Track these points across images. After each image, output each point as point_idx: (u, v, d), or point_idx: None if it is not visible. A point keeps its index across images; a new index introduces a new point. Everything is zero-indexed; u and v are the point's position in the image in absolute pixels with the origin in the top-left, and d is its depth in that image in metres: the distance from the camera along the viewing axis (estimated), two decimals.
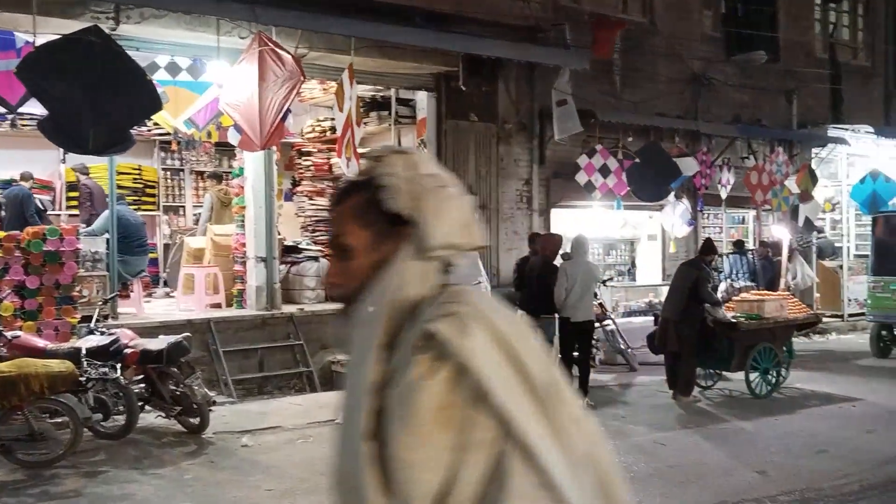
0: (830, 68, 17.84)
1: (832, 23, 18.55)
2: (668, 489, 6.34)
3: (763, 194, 14.26)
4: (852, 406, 9.43)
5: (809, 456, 7.29)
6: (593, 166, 12.68)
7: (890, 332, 13.19)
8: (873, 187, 15.41)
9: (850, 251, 17.27)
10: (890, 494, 6.23)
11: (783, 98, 16.88)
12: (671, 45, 14.92)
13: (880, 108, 19.16)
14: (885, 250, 13.14)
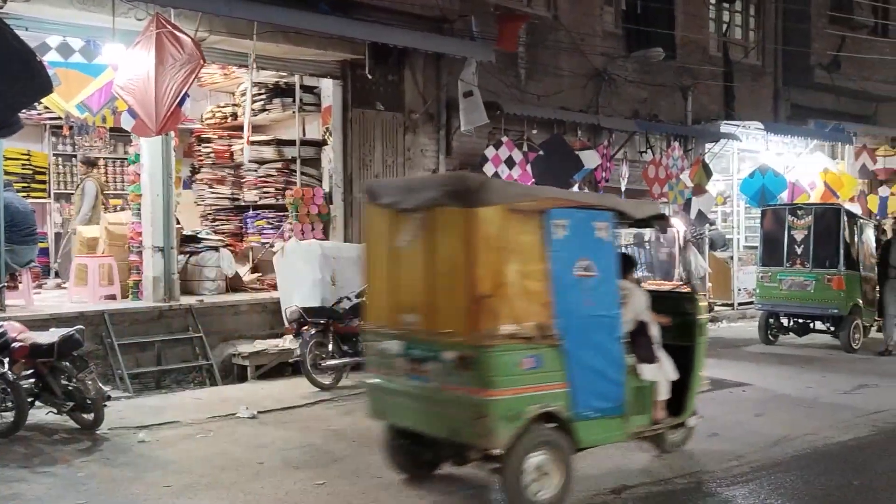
0: (723, 66, 18.57)
1: (725, 22, 19.29)
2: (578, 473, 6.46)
3: (660, 187, 14.73)
4: (742, 391, 9.86)
5: (702, 439, 7.57)
6: (500, 158, 12.81)
7: (777, 320, 13.85)
8: (762, 182, 16.13)
9: (739, 243, 18.05)
10: (778, 475, 6.54)
11: (679, 94, 17.47)
12: (574, 40, 15.21)
13: (769, 106, 20.07)
14: (772, 242, 13.76)
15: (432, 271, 5.62)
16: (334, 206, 12.09)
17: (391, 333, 5.91)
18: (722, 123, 17.33)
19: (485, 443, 5.35)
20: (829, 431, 7.82)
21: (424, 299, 5.67)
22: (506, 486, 5.43)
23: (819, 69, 20.34)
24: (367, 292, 6.49)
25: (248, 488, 6.12)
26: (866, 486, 6.24)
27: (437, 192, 5.64)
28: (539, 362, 5.46)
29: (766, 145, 17.81)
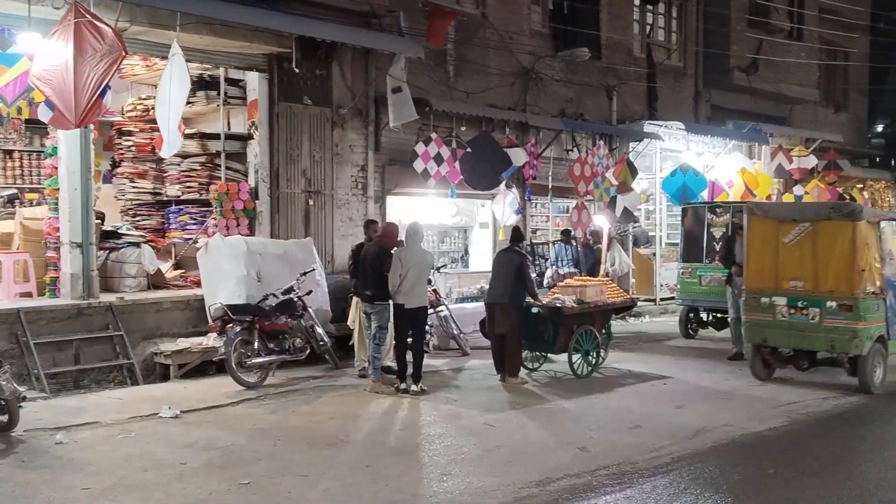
0: (647, 67, 18.99)
1: (649, 24, 19.72)
2: (496, 469, 6.55)
3: (585, 185, 14.96)
4: (663, 384, 10.13)
5: (625, 431, 7.76)
6: (429, 154, 12.81)
7: (696, 315, 14.27)
8: (683, 180, 16.55)
9: (662, 240, 18.50)
10: (698, 465, 6.74)
11: (604, 94, 17.79)
12: (502, 39, 15.34)
13: (691, 106, 20.62)
14: (692, 239, 14.18)
15: (816, 256, 9.78)
16: (260, 201, 11.91)
17: (777, 292, 10.01)
18: (645, 123, 17.72)
19: (857, 351, 9.51)
20: (745, 422, 8.10)
21: (810, 272, 9.80)
22: (864, 373, 9.65)
23: (738, 71, 21.00)
24: (751, 269, 10.43)
25: (171, 489, 6.00)
26: (780, 474, 6.48)
27: (827, 211, 10.11)
28: (878, 308, 9.82)
29: (688, 145, 18.29)
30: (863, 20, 26.30)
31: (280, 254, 11.09)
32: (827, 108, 26.39)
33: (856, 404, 9.06)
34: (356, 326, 10.45)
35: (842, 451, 7.25)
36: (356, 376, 10.18)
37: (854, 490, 6.04)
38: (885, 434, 7.80)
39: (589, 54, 16.54)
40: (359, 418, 8.27)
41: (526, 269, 10.05)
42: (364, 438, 7.56)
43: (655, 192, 18.21)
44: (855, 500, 5.81)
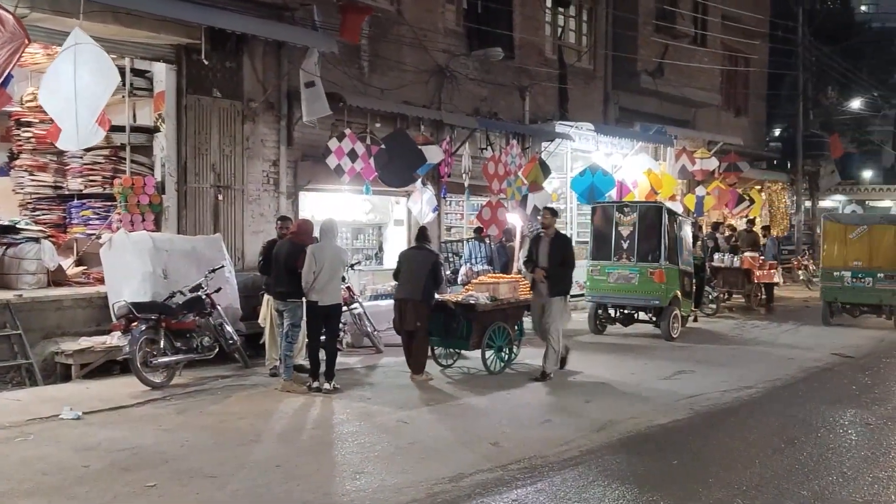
0: (558, 68, 19.33)
1: (560, 26, 20.08)
2: (409, 465, 6.56)
3: (499, 184, 15.13)
4: (573, 378, 10.34)
5: (537, 426, 7.90)
6: (343, 150, 12.71)
7: (605, 311, 14.62)
8: (592, 180, 16.94)
9: (572, 238, 18.85)
10: (606, 457, 6.91)
11: (517, 94, 18.02)
12: (416, 36, 15.35)
13: (600, 108, 21.10)
14: (601, 237, 14.51)
15: (872, 247, 15.62)
16: (167, 196, 11.58)
17: (844, 268, 15.72)
18: (557, 123, 18.04)
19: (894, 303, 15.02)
20: (651, 415, 8.35)
21: (866, 256, 15.64)
22: None
23: (645, 75, 21.61)
24: (827, 255, 16.32)
25: (73, 493, 5.78)
26: (683, 465, 6.71)
27: (878, 219, 16.81)
28: None
29: (597, 145, 18.71)
30: (763, 28, 27.43)
31: (188, 250, 10.81)
32: (728, 112, 27.44)
33: (753, 396, 9.45)
34: (267, 324, 10.29)
35: (740, 441, 7.55)
36: (267, 375, 10.02)
37: (752, 479, 6.30)
38: (781, 426, 8.16)
39: (502, 54, 16.73)
40: (270, 418, 8.15)
41: (440, 268, 10.20)
42: (275, 438, 7.45)
43: (566, 192, 18.56)
44: (753, 489, 6.07)
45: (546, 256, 10.29)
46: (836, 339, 13.88)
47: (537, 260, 10.38)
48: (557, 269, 10.23)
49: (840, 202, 41.23)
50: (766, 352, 12.76)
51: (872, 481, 6.27)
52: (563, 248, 10.45)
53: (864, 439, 7.62)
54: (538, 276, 10.26)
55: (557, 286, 10.23)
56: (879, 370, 11.25)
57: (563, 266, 10.28)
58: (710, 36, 24.50)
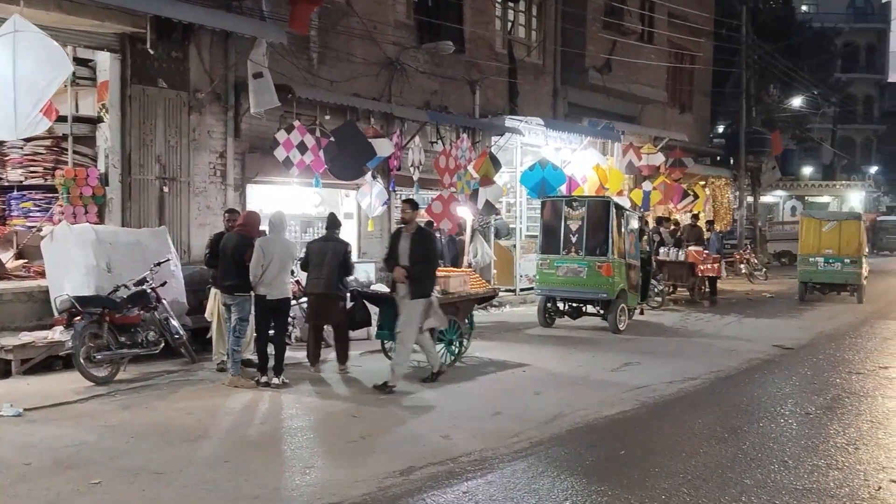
0: (508, 63, 19.43)
1: (510, 21, 20.18)
2: (359, 460, 6.54)
3: (450, 177, 15.15)
4: (523, 371, 10.42)
5: (487, 418, 7.94)
6: (291, 142, 12.58)
7: (554, 304, 14.77)
8: (542, 174, 17.07)
9: (522, 232, 19.02)
10: (555, 448, 6.98)
11: (468, 88, 18.06)
12: (367, 28, 15.26)
13: (549, 103, 21.28)
14: (550, 231, 14.63)
15: (839, 238, 19.25)
16: (111, 187, 11.34)
17: (818, 255, 19.34)
18: (507, 118, 18.13)
19: (857, 282, 19.24)
20: (598, 407, 8.46)
21: (836, 246, 19.22)
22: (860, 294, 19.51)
23: (593, 71, 21.85)
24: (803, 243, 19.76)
25: (14, 491, 5.63)
26: (630, 455, 6.82)
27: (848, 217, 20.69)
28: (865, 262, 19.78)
29: (546, 140, 18.86)
30: (707, 26, 27.95)
31: (132, 243, 10.59)
32: (674, 109, 27.92)
33: (698, 387, 9.64)
34: (215, 319, 10.15)
35: (686, 431, 7.70)
36: (215, 370, 9.89)
37: (697, 468, 6.43)
38: (724, 416, 8.35)
39: (453, 48, 16.74)
40: (217, 413, 8.04)
41: (350, 257, 10.20)
42: (223, 433, 7.36)
43: (516, 186, 18.68)
44: (698, 477, 6.20)
45: (407, 254, 9.22)
46: (776, 332, 14.24)
47: (397, 258, 9.27)
48: (419, 268, 9.15)
49: (781, 198, 42.36)
50: (709, 344, 13.03)
51: (812, 469, 6.46)
52: (425, 244, 9.32)
53: (803, 428, 7.84)
54: (398, 276, 9.21)
55: (418, 287, 9.13)
56: (818, 361, 11.58)
57: (424, 264, 9.21)
58: (656, 33, 24.86)
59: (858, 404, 8.87)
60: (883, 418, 8.21)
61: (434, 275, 9.53)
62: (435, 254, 9.60)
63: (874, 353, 12.28)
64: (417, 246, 9.21)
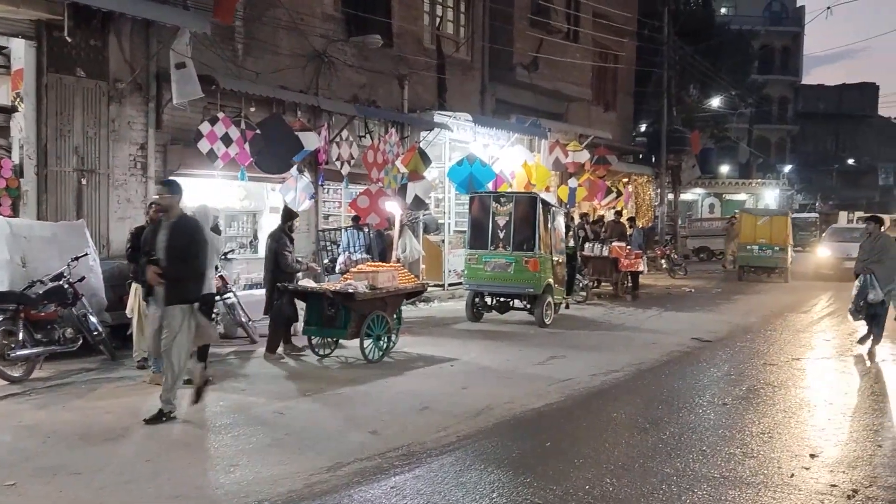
0: (437, 58, 19.45)
1: (439, 16, 20.20)
2: (286, 457, 6.47)
3: (378, 172, 15.10)
4: (451, 366, 10.48)
5: (414, 413, 7.96)
6: (216, 134, 12.34)
7: (482, 299, 14.89)
8: (470, 170, 17.17)
9: (450, 227, 19.10)
10: (482, 442, 7.05)
11: (396, 82, 18.01)
12: (293, 20, 15.07)
13: (478, 100, 21.39)
14: (478, 227, 14.74)
15: (771, 230, 24.08)
16: (25, 179, 10.92)
17: (754, 244, 24.22)
18: (435, 113, 18.17)
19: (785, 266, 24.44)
20: (525, 400, 8.57)
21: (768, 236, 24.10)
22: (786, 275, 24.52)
23: (520, 68, 22.07)
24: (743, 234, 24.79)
25: None
26: (555, 446, 6.94)
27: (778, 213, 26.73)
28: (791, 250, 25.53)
29: (475, 136, 18.97)
30: (630, 26, 28.53)
31: (48, 237, 10.23)
32: (598, 107, 28.43)
33: (620, 379, 9.86)
34: (135, 315, 9.87)
35: (609, 422, 7.87)
36: (135, 368, 9.64)
37: (620, 458, 6.59)
38: (646, 407, 8.56)
39: (381, 41, 16.68)
40: (138, 411, 7.83)
41: (281, 255, 10.57)
42: (144, 432, 7.18)
43: (444, 181, 18.75)
44: (620, 467, 6.35)
45: (163, 249, 7.43)
46: (695, 325, 14.66)
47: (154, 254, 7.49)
48: (176, 266, 7.39)
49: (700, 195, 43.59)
50: (631, 337, 13.34)
51: (728, 457, 6.69)
52: (186, 237, 7.50)
53: (720, 418, 8.10)
54: (151, 277, 7.40)
55: (176, 291, 7.41)
56: (734, 353, 11.98)
57: (183, 262, 7.41)
58: (581, 32, 25.26)
59: (773, 394, 9.22)
60: (796, 408, 8.55)
61: (199, 275, 7.54)
62: (199, 249, 7.51)
63: (787, 346, 12.77)
64: (175, 238, 7.42)
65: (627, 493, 5.74)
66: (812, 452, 6.81)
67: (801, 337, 13.79)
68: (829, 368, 10.82)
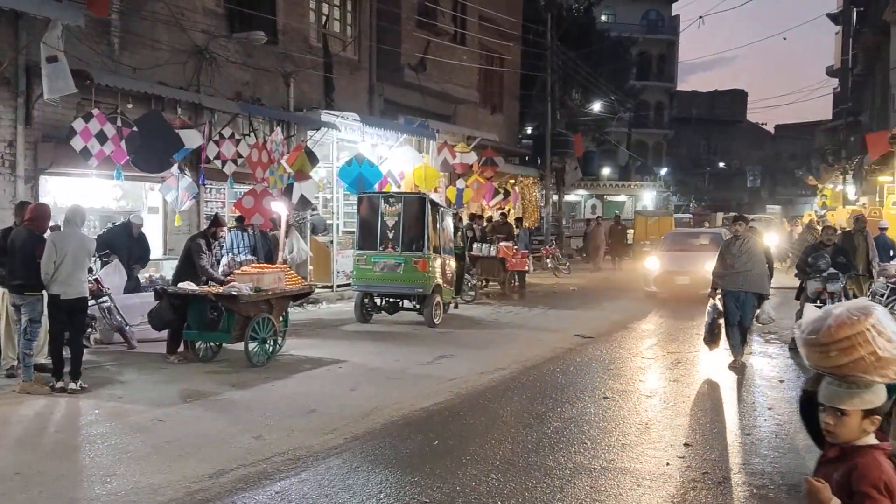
0: (324, 57, 19.27)
1: (325, 14, 20.02)
2: (166, 465, 6.27)
3: (263, 171, 14.82)
4: (339, 367, 10.40)
5: (301, 416, 7.86)
6: (90, 132, 11.81)
7: (371, 300, 14.84)
8: (359, 170, 17.10)
9: (339, 228, 18.94)
10: (370, 443, 7.02)
11: (282, 80, 17.74)
12: (173, 14, 14.60)
13: (366, 99, 21.33)
14: (367, 227, 14.69)
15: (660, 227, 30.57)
16: None
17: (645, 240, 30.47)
18: (322, 112, 17.99)
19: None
20: (413, 400, 8.60)
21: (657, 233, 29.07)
22: None
23: (408, 69, 22.15)
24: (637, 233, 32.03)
25: None
26: (443, 445, 6.99)
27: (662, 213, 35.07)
28: None
29: (363, 136, 18.90)
30: (516, 31, 29.11)
31: None
32: (485, 110, 28.87)
33: (506, 376, 10.04)
34: (3, 320, 9.36)
35: (495, 419, 8.00)
36: (3, 376, 9.12)
37: (505, 454, 6.70)
38: (530, 402, 8.75)
39: (265, 38, 16.39)
40: (7, 422, 7.42)
41: (196, 256, 10.35)
42: (14, 444, 6.80)
43: (333, 181, 18.59)
44: (505, 463, 6.46)
45: None
46: (578, 322, 15.09)
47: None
48: None
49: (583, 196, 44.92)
50: (518, 335, 13.61)
51: (608, 448, 6.92)
52: None
53: (601, 411, 8.37)
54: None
55: None
56: (614, 349, 12.40)
57: None
58: (468, 35, 25.58)
59: (651, 388, 9.61)
60: (672, 400, 8.93)
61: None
62: None
63: (663, 340, 13.31)
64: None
65: (512, 488, 5.85)
66: (686, 442, 7.14)
67: (679, 332, 14.39)
68: (705, 362, 11.35)
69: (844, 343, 2.81)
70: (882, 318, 2.86)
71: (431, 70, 22.99)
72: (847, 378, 2.83)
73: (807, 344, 2.93)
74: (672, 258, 19.13)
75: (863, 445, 2.82)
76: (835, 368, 2.84)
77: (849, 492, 2.75)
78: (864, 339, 2.80)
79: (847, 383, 2.82)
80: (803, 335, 2.95)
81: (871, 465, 2.76)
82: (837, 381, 2.84)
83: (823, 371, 2.90)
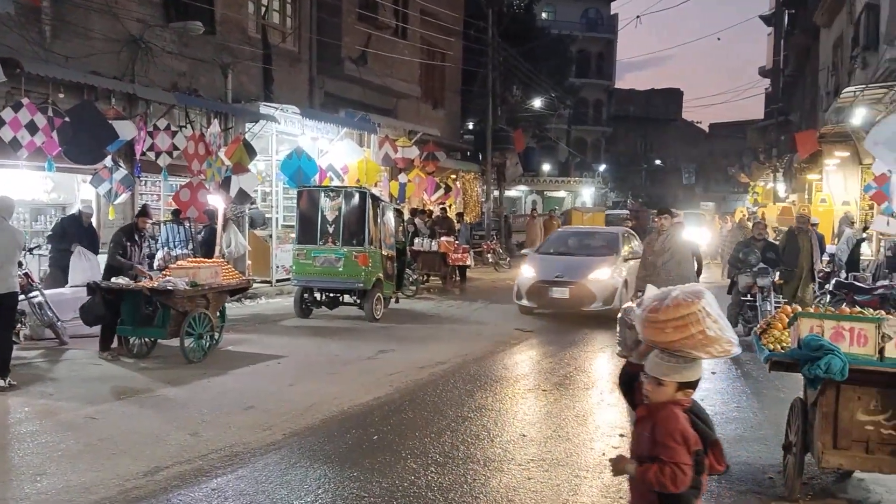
0: (263, 48, 19.01)
1: (264, 5, 19.75)
2: (98, 463, 6.13)
3: (199, 164, 14.55)
4: (278, 363, 10.30)
5: (239, 413, 7.76)
6: (20, 122, 11.44)
7: (311, 295, 14.72)
8: (299, 163, 16.94)
9: (278, 222, 18.74)
10: (309, 439, 6.98)
11: (219, 71, 17.45)
12: (107, 2, 14.24)
13: (306, 92, 21.13)
14: (307, 221, 14.56)
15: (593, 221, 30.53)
16: None
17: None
18: (261, 105, 17.75)
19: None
20: (353, 395, 8.58)
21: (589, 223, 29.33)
22: None
23: (349, 62, 22.01)
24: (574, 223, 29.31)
25: None
26: (382, 439, 7.00)
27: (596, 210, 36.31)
28: None
29: (303, 129, 18.71)
30: (457, 26, 29.16)
31: None
32: (427, 104, 28.87)
33: (447, 370, 10.09)
34: None
35: (435, 412, 8.03)
36: None
37: (444, 447, 6.74)
38: (470, 396, 8.81)
39: (203, 28, 16.10)
40: None
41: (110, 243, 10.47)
42: None
43: (272, 174, 18.38)
44: (444, 455, 6.50)
45: None
46: (518, 316, 15.20)
47: None
48: None
49: (523, 192, 45.31)
50: (459, 329, 13.67)
51: (545, 440, 7.02)
52: None
53: (539, 403, 8.48)
54: None
55: None
56: (552, 342, 12.56)
57: None
58: (410, 29, 25.53)
59: (587, 380, 9.76)
60: (607, 392, 9.09)
61: None
62: None
63: (598, 334, 13.52)
64: None
65: (451, 481, 5.89)
66: (622, 433, 7.28)
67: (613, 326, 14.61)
68: None
69: (679, 321, 3.20)
70: (710, 301, 3.29)
71: (373, 64, 22.88)
72: (675, 353, 3.21)
73: (646, 321, 3.29)
74: (550, 264, 15.12)
75: (664, 401, 3.21)
76: (668, 343, 3.22)
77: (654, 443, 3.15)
78: (695, 318, 3.21)
79: (674, 358, 3.21)
80: (643, 313, 3.31)
81: (669, 417, 3.16)
82: (666, 355, 3.22)
83: (656, 345, 3.27)
